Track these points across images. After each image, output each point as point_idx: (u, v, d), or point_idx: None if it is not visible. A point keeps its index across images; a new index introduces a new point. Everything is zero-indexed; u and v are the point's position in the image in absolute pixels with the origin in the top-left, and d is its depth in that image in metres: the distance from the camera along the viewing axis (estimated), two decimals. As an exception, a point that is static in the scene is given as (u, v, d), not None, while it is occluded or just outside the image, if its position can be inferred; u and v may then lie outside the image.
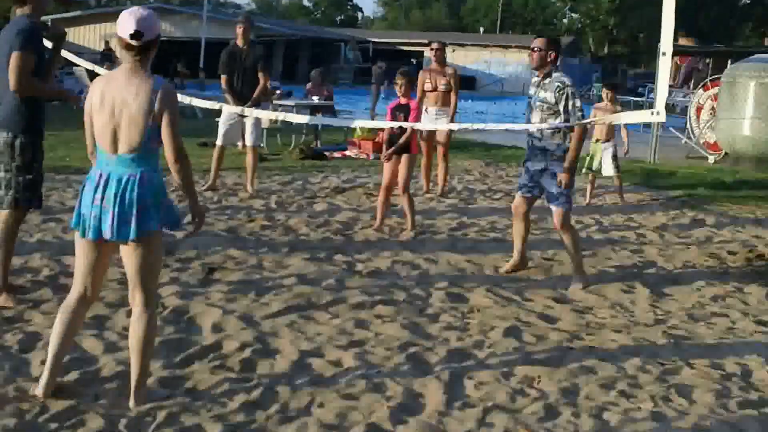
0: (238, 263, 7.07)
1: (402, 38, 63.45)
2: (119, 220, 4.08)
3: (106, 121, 4.13)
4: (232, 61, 10.36)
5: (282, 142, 15.74)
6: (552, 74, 6.84)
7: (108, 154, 4.14)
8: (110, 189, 4.10)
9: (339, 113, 19.99)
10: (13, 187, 5.59)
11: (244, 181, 10.66)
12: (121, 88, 4.14)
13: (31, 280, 6.28)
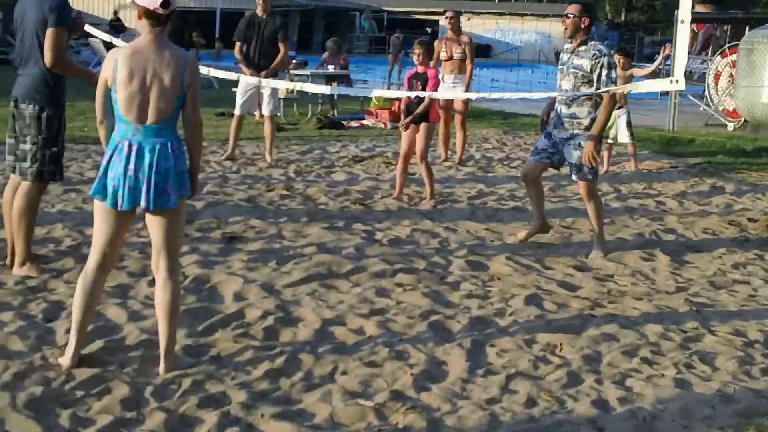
0: (258, 232, 7.07)
1: (417, 7, 62.96)
2: (156, 189, 4.12)
3: (135, 92, 4.13)
4: (249, 30, 10.28)
5: (299, 111, 15.71)
6: (588, 42, 6.70)
7: (135, 125, 4.14)
8: (143, 159, 4.12)
9: (355, 83, 19.92)
10: (38, 160, 5.62)
11: (262, 151, 10.66)
12: (152, 60, 4.16)
13: (53, 249, 6.31)
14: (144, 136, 4.15)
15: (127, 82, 4.12)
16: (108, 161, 4.18)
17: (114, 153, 4.16)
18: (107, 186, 4.16)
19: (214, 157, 10.54)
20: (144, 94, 4.14)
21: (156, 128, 4.17)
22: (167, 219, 4.24)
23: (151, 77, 4.14)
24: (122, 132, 4.17)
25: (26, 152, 5.62)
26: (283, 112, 14.74)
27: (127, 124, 4.15)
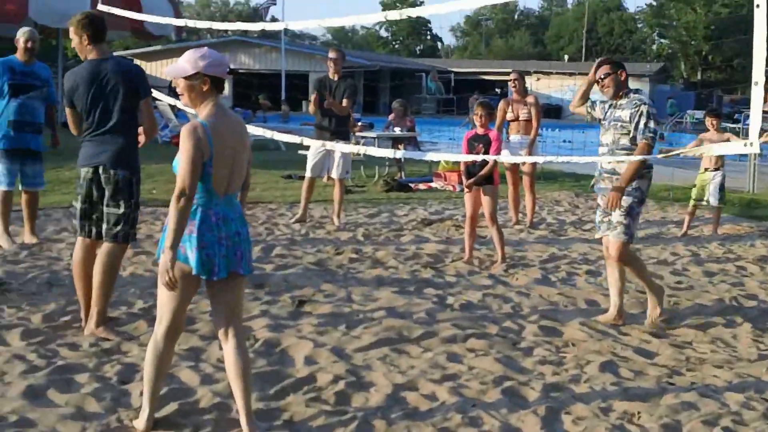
0: (328, 296, 7.20)
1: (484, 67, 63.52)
2: (245, 255, 4.32)
3: (229, 163, 4.27)
4: (323, 92, 10.52)
5: (366, 173, 15.93)
6: (629, 94, 6.64)
7: (219, 194, 4.27)
8: (229, 227, 4.28)
9: (422, 144, 20.14)
10: (128, 223, 5.96)
11: (330, 214, 10.84)
12: (234, 130, 4.32)
13: (126, 312, 6.51)
14: (225, 204, 4.30)
15: (221, 154, 4.22)
16: (197, 233, 4.24)
17: (201, 224, 4.24)
18: (202, 256, 4.24)
19: (283, 219, 10.75)
20: (235, 164, 4.30)
21: (233, 196, 4.36)
22: (240, 284, 4.41)
23: (237, 147, 4.31)
24: (205, 203, 4.25)
25: (119, 216, 5.94)
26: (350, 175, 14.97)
27: (212, 195, 4.25)
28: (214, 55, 4.33)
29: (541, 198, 12.63)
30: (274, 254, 8.70)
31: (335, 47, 11.16)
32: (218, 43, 48.56)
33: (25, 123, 8.75)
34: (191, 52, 4.32)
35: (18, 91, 8.68)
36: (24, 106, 8.71)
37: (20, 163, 8.79)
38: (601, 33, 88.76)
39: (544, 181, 15.15)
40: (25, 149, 8.79)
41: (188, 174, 4.14)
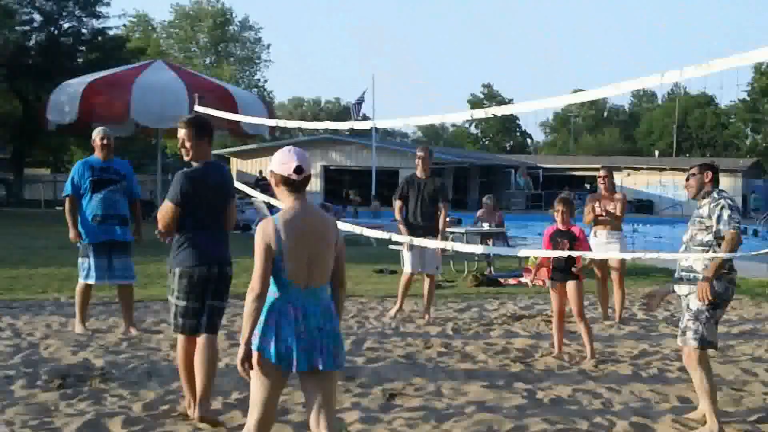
0: (418, 389, 7.23)
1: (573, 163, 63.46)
2: (327, 350, 4.37)
3: (303, 258, 4.39)
4: (410, 190, 10.70)
5: (455, 268, 16.01)
6: (711, 193, 6.49)
7: (299, 288, 4.39)
8: (311, 321, 4.37)
9: (511, 240, 20.16)
10: (222, 315, 6.26)
11: (421, 308, 10.92)
12: (310, 225, 4.45)
13: (222, 402, 6.65)
14: (306, 298, 4.40)
15: (294, 249, 4.36)
16: (276, 325, 4.36)
17: (280, 317, 4.37)
18: (280, 349, 4.36)
19: (373, 313, 10.87)
20: (311, 258, 4.41)
21: (318, 290, 4.45)
22: (331, 378, 4.47)
23: (314, 242, 4.42)
24: (285, 296, 4.39)
25: (221, 309, 6.32)
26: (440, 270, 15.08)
27: (291, 288, 4.39)
28: (285, 154, 4.52)
29: (631, 293, 12.52)
30: (365, 347, 8.81)
31: (423, 146, 11.35)
32: (310, 141, 49.64)
33: (108, 215, 9.18)
34: (279, 151, 4.56)
35: (99, 186, 9.15)
36: (106, 200, 9.16)
37: (108, 257, 9.17)
38: (692, 128, 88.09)
39: (635, 276, 15.01)
40: (111, 241, 9.18)
41: (256, 268, 4.37)
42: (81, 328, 9.24)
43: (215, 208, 6.27)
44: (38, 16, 42.92)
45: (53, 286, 12.73)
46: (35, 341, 8.74)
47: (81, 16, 43.90)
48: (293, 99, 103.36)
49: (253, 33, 79.68)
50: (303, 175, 4.48)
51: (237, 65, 76.11)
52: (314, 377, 4.43)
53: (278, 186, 4.52)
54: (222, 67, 70.12)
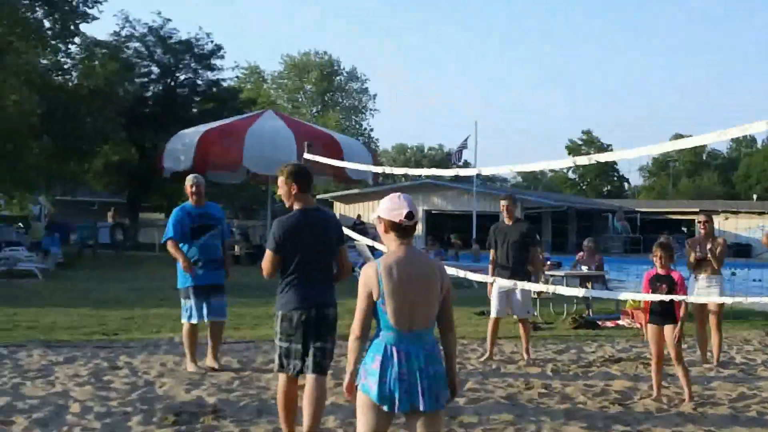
0: (518, 430, 7.16)
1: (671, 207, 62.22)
2: (429, 392, 4.37)
3: (405, 302, 4.42)
4: (498, 237, 10.73)
5: (554, 311, 15.84)
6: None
7: (402, 331, 4.42)
8: (413, 363, 4.38)
9: (609, 282, 19.85)
10: (330, 356, 6.41)
11: (520, 350, 10.84)
12: (414, 270, 4.46)
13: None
14: (410, 341, 4.42)
15: (394, 294, 4.40)
16: (380, 367, 4.40)
17: (384, 358, 4.40)
18: (383, 390, 4.39)
19: (475, 354, 10.83)
20: (412, 303, 4.42)
21: (422, 333, 4.46)
22: (435, 419, 4.46)
23: (415, 287, 4.43)
24: (389, 339, 4.43)
25: (327, 350, 6.38)
26: (539, 312, 14.98)
27: (394, 331, 4.42)
28: (394, 200, 4.56)
29: (729, 337, 12.18)
30: (466, 388, 8.77)
31: (507, 194, 11.39)
32: (413, 186, 49.87)
33: (209, 260, 9.45)
34: (386, 197, 4.62)
35: (199, 233, 9.40)
36: (206, 246, 9.44)
37: (207, 297, 9.41)
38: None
39: (733, 320, 14.60)
40: (211, 285, 9.43)
41: (357, 311, 4.49)
42: (193, 367, 9.43)
43: (316, 253, 6.35)
44: (156, 69, 44.21)
45: (167, 326, 13.03)
46: (151, 379, 8.94)
47: (197, 69, 45.04)
48: (397, 145, 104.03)
49: (359, 84, 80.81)
50: (413, 221, 4.53)
51: (343, 114, 77.18)
52: (417, 417, 4.44)
53: (387, 232, 4.55)
54: (328, 116, 71.19)
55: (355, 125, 78.45)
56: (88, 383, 8.66)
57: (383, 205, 4.58)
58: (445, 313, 4.59)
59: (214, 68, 45.61)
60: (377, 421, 4.47)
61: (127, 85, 37.20)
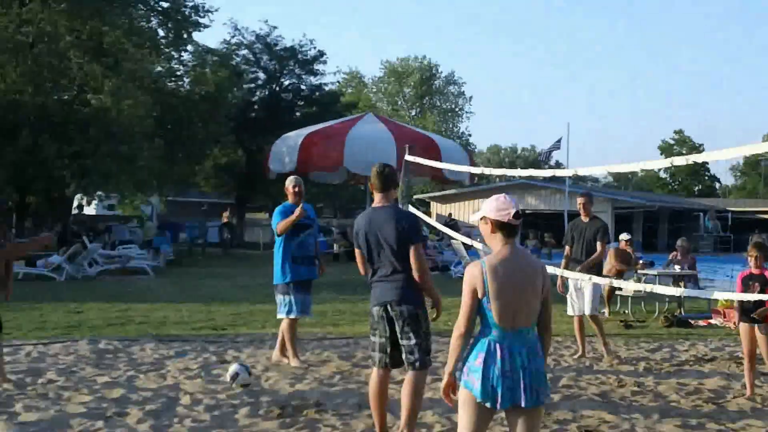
0: (612, 427, 6.99)
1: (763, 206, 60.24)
2: (531, 388, 4.31)
3: (509, 301, 4.37)
4: (575, 233, 10.57)
5: (646, 309, 15.48)
6: None
7: (506, 329, 4.36)
8: (516, 361, 4.33)
9: (701, 282, 19.32)
10: (423, 351, 6.23)
11: (613, 347, 10.62)
12: (519, 269, 4.42)
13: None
14: (513, 339, 4.36)
15: (499, 293, 4.35)
16: (483, 364, 4.35)
17: (488, 356, 4.35)
18: (486, 386, 4.34)
19: (568, 351, 10.64)
20: (516, 302, 4.37)
21: (524, 331, 4.40)
22: (534, 416, 4.40)
23: (520, 286, 4.38)
24: (492, 336, 4.38)
25: (412, 346, 6.20)
26: (631, 310, 14.66)
27: (498, 329, 4.37)
28: (501, 201, 4.52)
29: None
30: (560, 384, 8.62)
31: (584, 192, 11.17)
32: (508, 186, 49.45)
33: (306, 257, 9.53)
34: (491, 198, 4.56)
35: (298, 231, 9.45)
36: (304, 243, 9.51)
37: (304, 293, 9.52)
38: None
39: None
40: (307, 280, 9.53)
41: (462, 308, 4.45)
42: (296, 362, 9.45)
43: (379, 250, 6.29)
44: (263, 75, 44.92)
45: (271, 322, 13.12)
46: (257, 373, 8.98)
47: (300, 74, 45.61)
48: (491, 147, 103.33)
49: (456, 87, 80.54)
50: (520, 221, 4.49)
51: (440, 116, 77.01)
52: (518, 413, 4.39)
53: (494, 232, 4.51)
54: (426, 118, 71.14)
55: (452, 128, 78.14)
56: (198, 376, 8.79)
57: (489, 206, 4.53)
58: (544, 313, 4.52)
59: (317, 73, 46.10)
60: (479, 418, 4.44)
61: (236, 90, 37.87)
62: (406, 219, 6.31)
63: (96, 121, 26.02)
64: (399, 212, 6.40)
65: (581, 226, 10.61)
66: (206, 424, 6.88)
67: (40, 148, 25.18)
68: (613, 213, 43.94)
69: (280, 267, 9.50)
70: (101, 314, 13.84)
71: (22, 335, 11.28)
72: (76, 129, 26.25)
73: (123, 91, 26.09)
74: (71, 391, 7.96)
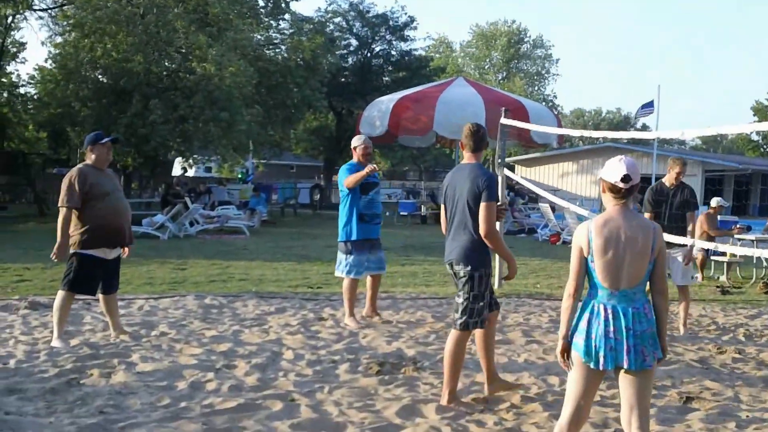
0: (715, 394, 6.75)
1: None
2: (635, 350, 4.19)
3: (611, 260, 4.26)
4: (659, 199, 9.76)
5: (742, 275, 14.97)
6: None
7: (611, 290, 4.25)
8: (620, 322, 4.21)
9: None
10: (467, 313, 6.11)
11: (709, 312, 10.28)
12: (623, 230, 4.28)
13: (522, 395, 6.51)
14: (618, 300, 4.25)
15: (602, 251, 4.26)
16: (587, 324, 4.29)
17: (592, 316, 4.28)
18: (589, 346, 4.27)
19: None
20: (619, 261, 4.25)
21: (630, 293, 4.26)
22: (642, 379, 4.27)
23: (624, 246, 4.25)
24: (599, 297, 4.29)
25: (459, 305, 6.15)
26: (726, 276, 14.20)
27: (603, 290, 4.28)
28: (614, 163, 4.42)
29: None
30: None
31: (681, 158, 10.19)
32: (593, 149, 48.52)
33: (374, 215, 9.39)
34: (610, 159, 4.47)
35: (367, 189, 9.32)
36: (372, 201, 9.37)
37: (368, 252, 9.36)
38: None
39: None
40: (372, 239, 9.40)
41: (571, 268, 4.40)
42: (353, 322, 9.31)
43: (459, 205, 6.16)
44: (354, 42, 45.00)
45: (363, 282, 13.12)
46: (355, 331, 9.00)
47: (391, 40, 45.54)
48: (574, 110, 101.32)
49: (543, 50, 79.08)
50: (630, 184, 4.34)
51: (526, 80, 75.81)
52: (626, 376, 4.28)
53: (604, 192, 4.44)
54: (513, 82, 70.16)
55: (539, 91, 76.87)
56: (299, 332, 8.83)
57: (605, 167, 4.45)
58: (655, 276, 4.36)
59: (407, 39, 45.94)
60: (586, 379, 4.35)
61: (330, 57, 38.10)
62: (483, 176, 6.10)
63: (199, 88, 26.64)
64: (480, 170, 6.19)
65: (667, 191, 9.79)
66: (309, 378, 6.92)
67: (150, 112, 26.06)
68: (703, 176, 42.71)
69: (346, 224, 9.34)
70: (203, 271, 14.08)
71: (132, 290, 11.54)
72: (181, 95, 26.96)
73: (225, 60, 26.70)
74: (182, 344, 8.12)
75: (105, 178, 8.04)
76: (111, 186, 8.06)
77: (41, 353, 7.57)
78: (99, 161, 8.05)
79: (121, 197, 8.20)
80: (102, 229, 7.93)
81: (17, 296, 10.81)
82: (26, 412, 5.77)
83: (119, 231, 8.07)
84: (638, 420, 4.26)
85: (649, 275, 4.33)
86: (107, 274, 8.16)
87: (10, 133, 34.39)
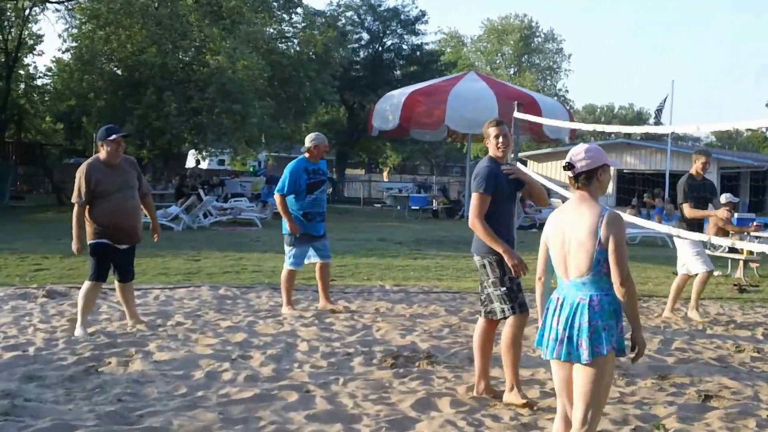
0: (734, 393, 6.65)
1: None
2: (568, 342, 4.12)
3: (559, 249, 4.24)
4: (690, 191, 9.91)
5: (759, 273, 14.84)
6: None
7: (563, 280, 4.24)
8: (563, 312, 4.17)
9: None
10: (491, 301, 6.10)
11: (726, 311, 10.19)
12: (568, 217, 4.24)
13: (540, 390, 6.48)
14: (568, 290, 4.20)
15: (552, 240, 4.30)
16: (545, 313, 4.31)
17: (548, 305, 4.29)
18: (541, 335, 4.32)
19: (678, 314, 10.16)
20: (566, 250, 4.21)
21: (577, 283, 4.16)
22: (581, 373, 4.14)
23: (570, 235, 4.19)
24: (558, 287, 4.29)
25: (480, 294, 6.24)
26: (743, 274, 14.08)
27: (559, 279, 4.29)
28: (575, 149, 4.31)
29: None
30: (674, 347, 8.29)
31: (706, 150, 10.45)
32: (604, 144, 48.40)
33: (318, 213, 9.50)
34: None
35: (313, 189, 9.42)
36: (316, 200, 9.48)
37: (309, 245, 9.50)
38: None
39: None
40: (314, 235, 9.49)
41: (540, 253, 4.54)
42: (289, 310, 9.42)
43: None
44: (366, 35, 45.02)
45: (376, 275, 13.13)
46: (368, 323, 8.99)
47: (402, 34, 45.56)
48: (586, 105, 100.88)
49: (555, 44, 78.76)
50: (574, 172, 4.24)
51: (538, 74, 75.52)
52: (564, 368, 4.25)
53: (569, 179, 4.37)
54: (524, 77, 69.95)
55: (550, 86, 76.56)
56: (313, 324, 8.80)
57: None
58: (612, 265, 4.09)
59: (419, 33, 45.93)
60: (555, 372, 4.34)
61: (342, 51, 38.15)
62: (477, 168, 6.19)
63: (213, 81, 26.75)
64: (479, 162, 6.31)
65: (696, 183, 9.99)
66: (324, 370, 6.91)
67: (163, 104, 26.22)
68: (718, 173, 42.46)
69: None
70: (217, 262, 14.10)
71: (148, 280, 11.58)
72: (195, 88, 27.13)
73: (238, 53, 26.76)
74: (198, 334, 8.15)
75: (113, 175, 8.08)
76: (118, 184, 8.09)
77: (60, 341, 7.65)
78: (110, 156, 8.10)
79: (131, 195, 8.21)
80: (107, 228, 8.05)
81: (35, 285, 10.86)
82: (46, 399, 5.81)
83: (124, 231, 8.15)
84: (576, 412, 4.17)
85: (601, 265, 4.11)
86: (121, 261, 8.24)
87: (27, 124, 34.63)
